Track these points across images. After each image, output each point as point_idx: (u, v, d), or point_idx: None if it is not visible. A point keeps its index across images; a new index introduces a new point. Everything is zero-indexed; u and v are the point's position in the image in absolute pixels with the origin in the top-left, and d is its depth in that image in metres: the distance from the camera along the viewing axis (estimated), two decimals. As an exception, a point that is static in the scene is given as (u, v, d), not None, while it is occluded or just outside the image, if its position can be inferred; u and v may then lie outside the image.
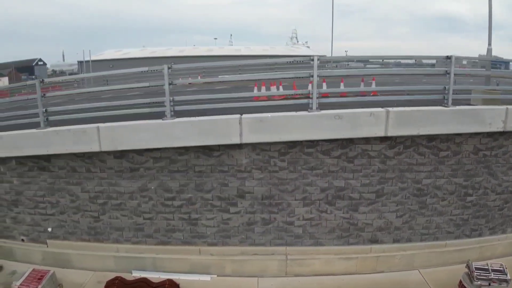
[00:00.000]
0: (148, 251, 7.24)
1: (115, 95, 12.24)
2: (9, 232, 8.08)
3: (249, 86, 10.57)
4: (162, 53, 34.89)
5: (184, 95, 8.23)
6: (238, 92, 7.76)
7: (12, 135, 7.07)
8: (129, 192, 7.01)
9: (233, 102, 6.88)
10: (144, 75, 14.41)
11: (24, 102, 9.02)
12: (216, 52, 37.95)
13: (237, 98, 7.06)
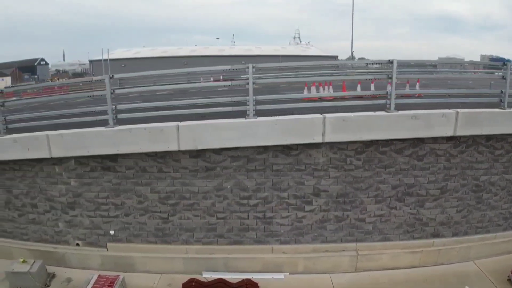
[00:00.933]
0: (220, 252, 7.18)
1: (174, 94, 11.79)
2: (61, 237, 7.72)
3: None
4: (174, 53, 34.15)
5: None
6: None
7: (76, 133, 6.78)
8: (203, 192, 6.93)
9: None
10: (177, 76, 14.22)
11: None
12: (227, 52, 37.55)
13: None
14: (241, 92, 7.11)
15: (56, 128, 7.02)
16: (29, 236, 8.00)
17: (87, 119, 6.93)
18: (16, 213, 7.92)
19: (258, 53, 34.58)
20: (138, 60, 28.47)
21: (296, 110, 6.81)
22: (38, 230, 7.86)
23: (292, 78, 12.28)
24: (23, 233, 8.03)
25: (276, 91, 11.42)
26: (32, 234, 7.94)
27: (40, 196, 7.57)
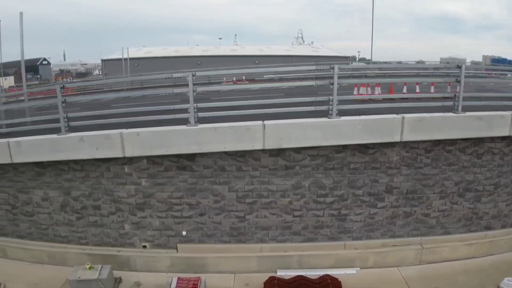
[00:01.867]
0: (294, 249, 7.28)
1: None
2: (126, 240, 7.49)
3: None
4: (187, 52, 33.19)
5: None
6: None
7: (156, 132, 6.64)
8: (281, 190, 7.01)
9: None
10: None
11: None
12: (239, 52, 37.03)
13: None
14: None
15: (116, 126, 6.84)
16: (87, 240, 7.67)
17: (149, 118, 6.79)
18: (74, 216, 7.56)
19: (270, 53, 34.32)
20: (150, 60, 27.58)
21: (369, 110, 7.08)
22: (100, 233, 7.55)
23: (374, 79, 12.61)
24: (81, 237, 7.69)
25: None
26: (92, 237, 7.62)
27: (104, 198, 7.29)
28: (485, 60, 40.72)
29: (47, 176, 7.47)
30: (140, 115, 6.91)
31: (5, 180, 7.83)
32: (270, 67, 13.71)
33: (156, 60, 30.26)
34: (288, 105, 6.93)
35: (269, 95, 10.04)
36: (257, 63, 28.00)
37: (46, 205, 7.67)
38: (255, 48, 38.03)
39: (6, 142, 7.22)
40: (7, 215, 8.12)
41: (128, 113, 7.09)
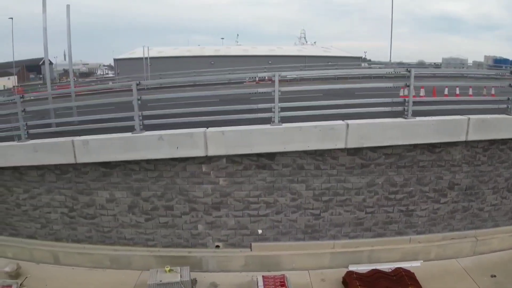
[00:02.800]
0: (364, 245, 7.53)
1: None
2: (198, 240, 7.41)
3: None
4: (199, 52, 32.07)
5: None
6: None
7: (241, 131, 6.68)
8: (356, 188, 7.23)
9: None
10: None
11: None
12: (251, 52, 36.34)
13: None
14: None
15: (189, 126, 6.81)
16: (156, 242, 7.49)
17: (230, 117, 6.82)
18: (143, 217, 7.37)
19: (281, 53, 34.02)
20: (164, 59, 26.67)
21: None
22: (170, 234, 7.40)
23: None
24: (149, 239, 7.49)
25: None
26: (161, 239, 7.45)
27: (178, 198, 7.16)
28: (487, 61, 40.46)
29: (114, 177, 7.22)
30: (221, 114, 6.88)
31: (63, 181, 7.48)
32: (350, 68, 13.85)
33: (170, 60, 29.40)
34: (366, 106, 7.18)
35: (310, 95, 10.24)
36: (270, 63, 27.99)
37: (111, 206, 7.41)
38: (266, 48, 37.90)
39: (71, 140, 6.94)
40: (62, 218, 7.74)
41: (202, 112, 7.00)
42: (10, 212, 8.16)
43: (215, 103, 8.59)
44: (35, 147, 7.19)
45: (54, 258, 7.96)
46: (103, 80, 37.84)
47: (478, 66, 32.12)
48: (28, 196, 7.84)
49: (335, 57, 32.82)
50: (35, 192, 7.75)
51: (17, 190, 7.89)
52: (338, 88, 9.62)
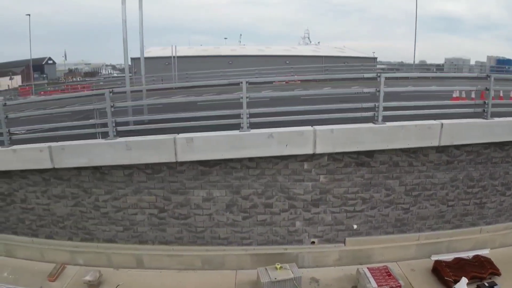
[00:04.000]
0: (444, 236, 8.03)
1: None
2: (295, 237, 7.51)
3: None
4: (215, 52, 30.59)
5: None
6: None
7: (349, 129, 6.95)
8: (441, 183, 7.72)
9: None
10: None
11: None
12: (267, 52, 35.41)
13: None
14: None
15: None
16: (251, 240, 7.47)
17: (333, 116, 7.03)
18: (241, 215, 7.32)
19: (297, 54, 33.56)
20: (180, 59, 25.53)
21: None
22: (267, 232, 7.42)
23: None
24: (244, 238, 7.45)
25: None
26: (257, 237, 7.44)
27: (279, 195, 7.21)
28: (489, 61, 40.03)
29: (213, 175, 7.11)
30: (325, 112, 7.05)
31: (154, 181, 7.22)
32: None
33: (187, 59, 28.36)
34: (446, 107, 7.70)
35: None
36: (288, 63, 28.07)
37: (207, 206, 7.27)
38: (281, 48, 37.67)
39: (172, 138, 6.75)
40: (150, 219, 7.46)
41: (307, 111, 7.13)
42: (85, 216, 7.70)
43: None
44: (128, 145, 6.89)
45: (137, 262, 7.63)
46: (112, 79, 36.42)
47: (481, 66, 33.60)
48: (110, 198, 7.46)
49: (351, 57, 32.78)
50: (119, 193, 7.40)
51: (96, 192, 7.49)
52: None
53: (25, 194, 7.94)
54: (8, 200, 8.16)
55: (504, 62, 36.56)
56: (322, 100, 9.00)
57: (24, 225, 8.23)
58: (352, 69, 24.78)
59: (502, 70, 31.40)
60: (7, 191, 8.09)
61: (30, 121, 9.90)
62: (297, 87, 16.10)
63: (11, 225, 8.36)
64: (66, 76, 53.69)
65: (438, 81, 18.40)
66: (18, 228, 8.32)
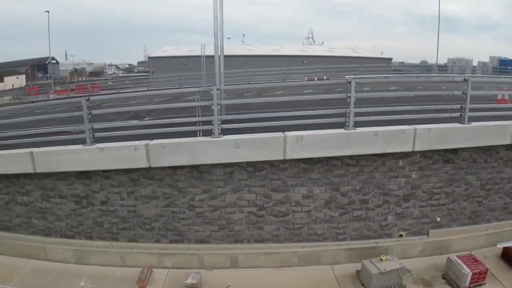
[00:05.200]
0: (507, 226, 8.79)
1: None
2: (385, 230, 7.86)
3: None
4: (232, 52, 29.19)
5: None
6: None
7: (443, 129, 7.38)
8: (507, 178, 8.45)
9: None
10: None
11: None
12: (282, 52, 34.28)
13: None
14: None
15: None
16: (345, 235, 7.70)
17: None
18: (338, 212, 7.53)
19: (313, 54, 32.84)
20: (196, 58, 24.19)
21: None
22: (361, 227, 7.69)
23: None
24: (339, 233, 7.68)
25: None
26: (351, 232, 7.69)
27: (374, 191, 7.52)
28: (492, 61, 39.83)
29: (315, 173, 7.26)
30: (413, 113, 7.48)
31: (256, 179, 7.24)
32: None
33: (205, 59, 27.27)
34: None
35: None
36: (305, 63, 28.04)
37: (307, 203, 7.39)
38: (296, 48, 37.37)
39: (283, 136, 6.84)
40: (248, 218, 7.43)
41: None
42: (177, 216, 7.49)
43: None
44: (237, 143, 6.84)
45: (231, 262, 7.56)
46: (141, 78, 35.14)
47: (483, 66, 33.96)
48: (207, 197, 7.32)
49: (366, 58, 33.26)
50: (218, 192, 7.29)
51: (192, 191, 7.32)
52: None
53: (106, 195, 7.56)
54: (84, 203, 7.71)
55: (506, 62, 35.90)
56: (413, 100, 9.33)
57: (102, 229, 7.81)
58: (370, 69, 25.37)
59: (505, 70, 30.80)
60: (83, 192, 7.66)
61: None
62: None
63: (85, 229, 7.90)
64: (71, 76, 52.94)
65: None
66: (94, 232, 7.87)
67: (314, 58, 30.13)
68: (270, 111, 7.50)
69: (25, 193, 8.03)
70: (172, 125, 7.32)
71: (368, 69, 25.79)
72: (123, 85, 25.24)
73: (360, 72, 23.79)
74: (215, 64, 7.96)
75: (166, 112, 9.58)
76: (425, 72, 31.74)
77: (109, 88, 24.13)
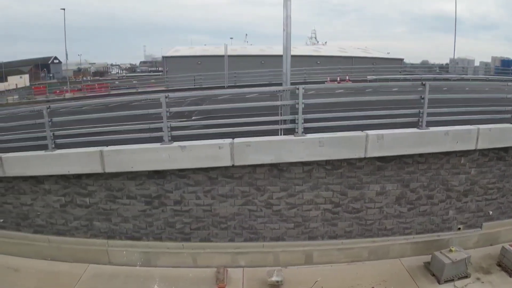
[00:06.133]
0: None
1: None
2: (447, 224, 8.31)
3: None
4: (245, 52, 28.17)
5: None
6: None
7: (503, 128, 7.90)
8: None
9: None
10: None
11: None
12: (295, 52, 33.67)
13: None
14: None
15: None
16: (411, 230, 8.06)
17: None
18: (406, 207, 7.87)
19: (326, 54, 32.30)
20: (210, 58, 23.31)
21: None
22: (425, 221, 8.08)
23: None
24: (406, 228, 8.03)
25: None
26: (417, 226, 8.06)
27: (439, 187, 7.94)
28: (494, 61, 39.20)
29: (388, 170, 7.56)
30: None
31: (333, 176, 7.43)
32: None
33: (217, 59, 26.40)
34: None
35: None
36: (319, 63, 27.96)
37: (379, 199, 7.67)
38: (309, 48, 36.80)
39: (364, 135, 7.08)
40: (324, 215, 7.60)
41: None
42: (253, 214, 7.51)
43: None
44: (321, 141, 7.00)
45: (306, 259, 7.70)
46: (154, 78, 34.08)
47: (485, 67, 34.06)
48: (285, 194, 7.41)
49: (378, 58, 33.26)
50: (295, 190, 7.40)
51: (271, 189, 7.38)
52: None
53: (181, 195, 7.44)
54: (156, 203, 7.54)
55: (509, 62, 35.47)
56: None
57: (173, 229, 7.66)
58: (384, 70, 25.72)
59: (508, 71, 30.54)
60: (155, 192, 7.49)
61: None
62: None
63: (155, 230, 7.72)
64: (76, 75, 51.45)
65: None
66: (164, 233, 7.71)
67: (327, 58, 30.15)
68: (343, 111, 7.73)
69: (87, 194, 7.73)
70: (245, 124, 7.38)
71: (381, 70, 25.96)
72: (134, 85, 24.49)
73: (376, 73, 24.06)
74: (283, 64, 7.96)
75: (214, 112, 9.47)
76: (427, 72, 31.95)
77: (116, 88, 23.31)
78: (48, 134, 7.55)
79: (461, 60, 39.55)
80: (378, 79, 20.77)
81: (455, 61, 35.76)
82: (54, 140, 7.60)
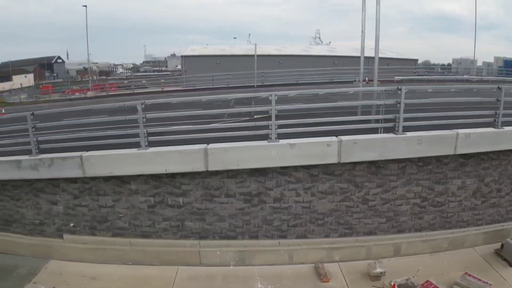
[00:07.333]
0: None
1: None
2: (510, 215, 9.08)
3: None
4: (261, 51, 26.70)
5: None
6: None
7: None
8: None
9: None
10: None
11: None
12: (311, 52, 33.60)
13: None
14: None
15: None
16: (482, 221, 8.70)
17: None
18: (480, 200, 8.52)
19: (342, 54, 31.45)
20: (228, 58, 22.26)
21: None
22: (494, 213, 8.78)
23: None
24: (479, 219, 8.66)
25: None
26: (486, 217, 8.73)
27: (506, 181, 8.67)
28: (497, 62, 38.90)
29: (468, 166, 8.14)
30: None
31: (423, 172, 7.89)
32: None
33: (235, 59, 25.41)
34: None
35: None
36: (336, 63, 28.01)
37: (460, 193, 8.23)
38: (323, 48, 36.18)
39: (455, 133, 7.61)
40: (413, 209, 8.00)
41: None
42: (350, 210, 7.76)
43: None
44: (420, 139, 7.42)
45: (395, 251, 8.06)
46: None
47: (487, 67, 33.03)
48: (381, 190, 7.73)
49: (392, 58, 32.32)
50: (390, 186, 7.75)
51: (368, 185, 7.67)
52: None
53: (281, 192, 7.50)
54: (255, 201, 7.55)
55: (511, 63, 35.52)
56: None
57: (270, 227, 7.69)
58: (401, 70, 26.20)
59: (511, 72, 30.83)
60: (255, 190, 7.49)
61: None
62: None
63: (251, 228, 7.70)
64: (81, 75, 50.26)
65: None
66: (260, 231, 7.71)
67: (343, 58, 30.18)
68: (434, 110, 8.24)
69: (181, 194, 7.54)
70: (347, 122, 7.65)
71: (396, 71, 26.21)
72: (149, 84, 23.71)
73: (395, 73, 24.62)
74: (361, 64, 8.35)
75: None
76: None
77: (125, 87, 22.27)
78: (142, 131, 7.29)
79: (464, 60, 38.67)
80: (408, 80, 20.99)
81: (457, 61, 36.24)
82: (147, 137, 7.35)
